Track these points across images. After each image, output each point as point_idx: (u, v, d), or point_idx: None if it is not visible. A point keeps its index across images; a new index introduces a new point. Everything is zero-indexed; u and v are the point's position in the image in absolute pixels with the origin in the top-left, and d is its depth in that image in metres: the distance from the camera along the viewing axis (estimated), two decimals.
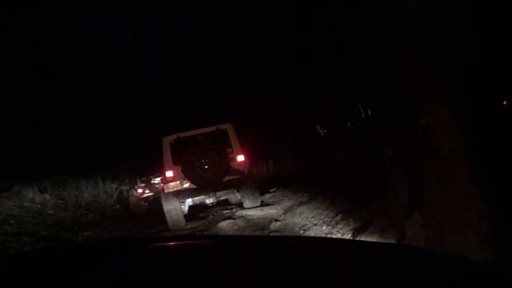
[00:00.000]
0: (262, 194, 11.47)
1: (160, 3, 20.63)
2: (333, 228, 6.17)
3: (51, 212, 10.67)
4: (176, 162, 8.61)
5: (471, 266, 1.34)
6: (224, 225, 8.19)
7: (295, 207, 8.32)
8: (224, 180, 8.64)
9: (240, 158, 8.87)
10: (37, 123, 14.98)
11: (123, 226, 10.40)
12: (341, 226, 6.06)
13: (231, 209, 10.20)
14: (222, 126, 9.02)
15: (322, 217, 6.88)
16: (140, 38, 24.94)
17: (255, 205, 9.08)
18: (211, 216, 9.97)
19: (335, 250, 1.60)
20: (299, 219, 7.34)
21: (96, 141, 17.20)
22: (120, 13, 23.09)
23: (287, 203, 9.02)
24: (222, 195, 9.49)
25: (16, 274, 1.38)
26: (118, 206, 14.09)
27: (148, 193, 14.09)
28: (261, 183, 14.27)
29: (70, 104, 17.79)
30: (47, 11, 18.94)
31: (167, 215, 8.77)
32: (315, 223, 6.74)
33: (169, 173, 8.73)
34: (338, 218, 6.41)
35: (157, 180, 13.63)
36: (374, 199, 6.13)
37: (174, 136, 8.83)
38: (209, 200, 9.64)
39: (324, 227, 6.40)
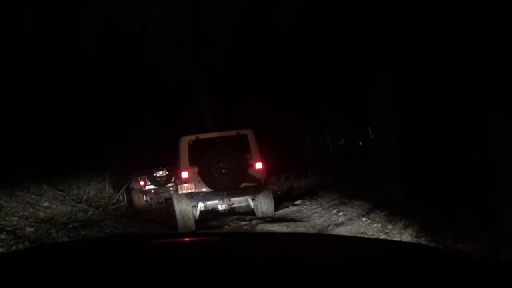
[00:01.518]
0: (286, 206, 10.21)
1: None
2: None
3: (45, 204, 9.39)
4: (193, 163, 8.31)
5: (476, 265, 1.31)
6: None
7: (330, 227, 6.92)
8: (240, 186, 8.34)
9: (259, 165, 8.55)
10: (46, 112, 13.75)
11: (124, 229, 9.08)
12: None
13: (250, 220, 8.83)
14: (242, 131, 8.76)
15: None
16: (163, 29, 23.56)
17: (268, 215, 8.78)
18: (226, 227, 8.62)
19: (339, 248, 1.57)
20: None
21: (107, 134, 15.98)
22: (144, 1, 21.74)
23: (318, 221, 7.63)
24: (236, 202, 9.07)
25: (15, 273, 1.35)
26: (123, 203, 12.88)
27: (150, 185, 13.31)
28: (282, 194, 13.03)
29: (83, 95, 16.54)
30: None
31: (178, 216, 8.49)
32: None
33: (185, 174, 8.39)
34: None
35: (160, 173, 13.22)
36: (472, 231, 4.69)
37: (193, 137, 8.55)
38: (221, 207, 9.13)
39: None
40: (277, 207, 10.45)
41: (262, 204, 8.82)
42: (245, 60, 20.85)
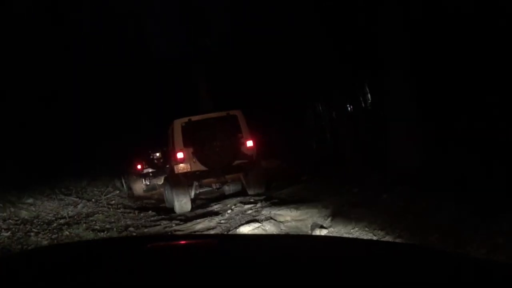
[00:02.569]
0: (290, 184, 9.40)
1: None
2: None
3: (29, 201, 8.54)
4: (187, 144, 8.71)
5: (474, 266, 1.29)
6: (247, 230, 5.95)
7: (344, 207, 6.06)
8: (233, 163, 8.85)
9: (249, 143, 9.02)
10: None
11: (119, 220, 8.27)
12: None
13: (255, 203, 8.02)
14: (232, 112, 9.17)
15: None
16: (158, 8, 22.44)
17: (259, 191, 9.13)
18: (229, 212, 7.81)
19: (339, 249, 1.57)
20: (358, 230, 5.04)
21: (100, 121, 15.14)
22: None
23: (330, 201, 6.75)
24: (229, 180, 9.54)
25: (14, 275, 1.36)
26: (118, 191, 12.15)
27: (147, 169, 13.08)
28: (286, 169, 12.17)
29: (76, 88, 15.47)
30: None
31: (175, 198, 8.82)
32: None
33: (180, 155, 8.75)
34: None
35: (157, 155, 13.15)
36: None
37: (186, 119, 8.91)
38: (215, 186, 9.72)
39: None
40: (282, 185, 9.68)
41: (255, 182, 9.21)
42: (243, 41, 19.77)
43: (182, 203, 8.84)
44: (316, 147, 16.28)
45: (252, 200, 8.36)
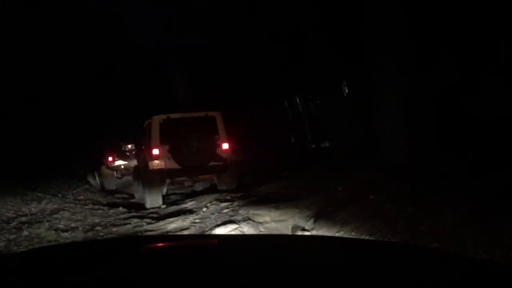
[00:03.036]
0: (269, 180, 9.00)
1: None
2: None
3: None
4: (163, 141, 8.70)
5: (474, 266, 1.30)
6: (223, 232, 5.48)
7: (329, 207, 5.66)
8: (208, 164, 8.86)
9: (225, 146, 9.06)
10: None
11: (86, 218, 7.71)
12: None
13: (232, 201, 7.57)
14: (211, 113, 9.18)
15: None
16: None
17: (231, 188, 9.17)
18: (203, 211, 7.35)
19: (337, 249, 1.56)
20: (344, 234, 4.63)
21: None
22: None
23: (313, 200, 6.35)
24: (202, 180, 9.62)
25: (13, 275, 1.35)
26: (87, 186, 11.53)
27: (119, 161, 12.62)
28: (264, 165, 11.74)
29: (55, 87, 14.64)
30: None
31: (147, 193, 8.80)
32: None
33: (155, 151, 8.71)
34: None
35: (128, 147, 12.86)
36: None
37: (164, 116, 8.90)
38: (187, 183, 9.89)
39: None
40: (261, 181, 9.27)
41: (227, 182, 9.27)
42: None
43: (153, 199, 8.78)
44: (295, 141, 15.91)
45: (228, 198, 7.93)
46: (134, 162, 11.68)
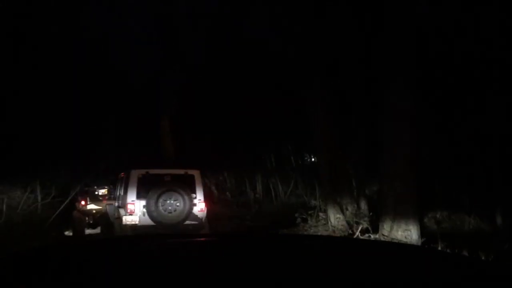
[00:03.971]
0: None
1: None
2: None
3: None
4: (140, 196, 8.71)
5: (474, 266, 1.35)
6: None
7: None
8: (183, 223, 8.85)
9: (201, 206, 9.18)
10: None
11: None
12: None
13: None
14: (190, 171, 9.33)
15: None
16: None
17: None
18: None
19: (339, 249, 1.56)
20: None
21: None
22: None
23: None
24: None
25: (12, 275, 1.35)
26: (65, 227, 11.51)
27: (91, 205, 11.71)
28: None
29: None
30: None
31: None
32: None
33: (131, 206, 8.72)
34: None
35: (102, 191, 12.31)
36: None
37: (143, 171, 8.97)
38: None
39: None
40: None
41: None
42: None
43: None
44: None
45: None
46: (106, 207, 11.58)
